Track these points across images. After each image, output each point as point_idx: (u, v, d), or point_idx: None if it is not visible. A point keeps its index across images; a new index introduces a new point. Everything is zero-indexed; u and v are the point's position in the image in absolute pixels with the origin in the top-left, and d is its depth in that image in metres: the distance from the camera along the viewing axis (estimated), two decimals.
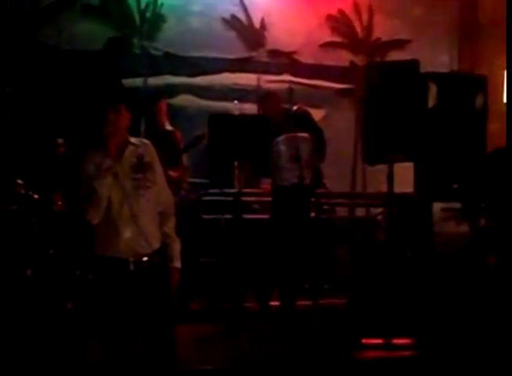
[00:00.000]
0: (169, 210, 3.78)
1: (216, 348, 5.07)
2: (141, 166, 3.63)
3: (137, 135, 4.39)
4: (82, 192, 3.55)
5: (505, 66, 8.15)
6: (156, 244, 3.68)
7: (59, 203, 5.80)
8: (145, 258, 3.59)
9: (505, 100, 8.20)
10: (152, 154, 3.74)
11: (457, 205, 5.46)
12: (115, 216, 3.56)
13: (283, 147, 5.67)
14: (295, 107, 6.02)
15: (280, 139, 5.69)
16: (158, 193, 3.69)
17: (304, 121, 5.93)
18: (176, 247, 3.78)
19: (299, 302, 5.77)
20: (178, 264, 3.75)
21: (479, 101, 5.71)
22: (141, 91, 7.78)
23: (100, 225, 3.59)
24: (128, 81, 7.80)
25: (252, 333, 5.25)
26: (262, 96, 6.38)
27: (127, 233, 3.57)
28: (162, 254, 3.72)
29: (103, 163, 3.52)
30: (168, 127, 6.30)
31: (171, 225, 3.78)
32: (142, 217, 3.60)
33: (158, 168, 3.76)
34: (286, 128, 5.76)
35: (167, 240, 3.73)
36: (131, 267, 3.57)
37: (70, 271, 5.43)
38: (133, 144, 3.69)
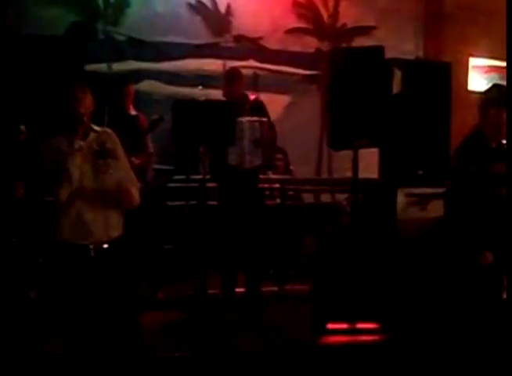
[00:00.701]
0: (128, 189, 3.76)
1: (182, 336, 5.04)
2: (102, 152, 3.64)
3: (101, 122, 4.35)
4: (47, 172, 3.57)
5: (469, 52, 8.26)
6: (117, 231, 3.71)
7: (21, 190, 5.71)
8: (105, 245, 3.61)
9: (470, 88, 8.31)
10: (114, 142, 3.76)
11: (421, 191, 5.47)
12: (75, 201, 3.58)
13: (246, 129, 5.60)
14: (252, 96, 5.97)
15: (243, 120, 5.63)
16: (120, 180, 3.68)
17: (259, 110, 5.89)
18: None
19: (264, 288, 5.76)
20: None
21: (443, 88, 5.72)
22: (105, 76, 7.68)
23: (61, 211, 3.60)
24: (92, 67, 7.76)
25: (217, 320, 5.25)
26: (229, 73, 6.30)
27: (86, 219, 3.58)
28: (124, 241, 3.72)
29: (74, 143, 3.55)
30: (133, 112, 6.25)
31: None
32: (102, 203, 3.62)
33: (121, 155, 3.78)
34: (242, 108, 5.71)
35: None
36: (92, 253, 3.57)
37: (33, 259, 5.35)
38: (95, 131, 3.71)
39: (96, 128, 3.74)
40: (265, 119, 5.68)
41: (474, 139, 4.22)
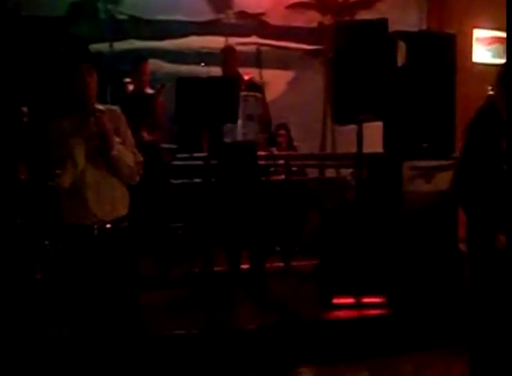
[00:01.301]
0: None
1: (188, 314, 5.05)
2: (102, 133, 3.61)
3: (104, 101, 4.32)
4: (52, 153, 3.56)
5: (472, 24, 8.17)
6: (123, 211, 3.69)
7: (24, 172, 5.70)
8: (108, 225, 3.60)
9: (474, 59, 8.23)
10: (118, 120, 3.74)
11: (426, 164, 5.44)
12: (78, 182, 3.55)
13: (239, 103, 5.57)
14: (246, 77, 5.94)
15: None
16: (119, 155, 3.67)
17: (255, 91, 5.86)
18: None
19: (270, 264, 5.77)
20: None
21: (448, 59, 5.66)
22: (106, 56, 7.63)
23: (65, 193, 3.59)
24: (94, 46, 7.71)
25: (223, 297, 5.26)
26: (223, 50, 6.27)
27: (90, 199, 3.56)
28: (129, 219, 3.71)
29: (81, 127, 3.53)
30: (149, 90, 6.20)
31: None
32: (106, 183, 3.61)
33: (125, 134, 3.76)
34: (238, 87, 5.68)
35: None
36: (95, 233, 3.57)
37: (38, 241, 5.35)
38: (100, 111, 3.65)
39: (100, 107, 3.69)
40: (259, 94, 5.65)
41: (487, 112, 4.09)
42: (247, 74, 6.08)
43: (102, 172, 3.61)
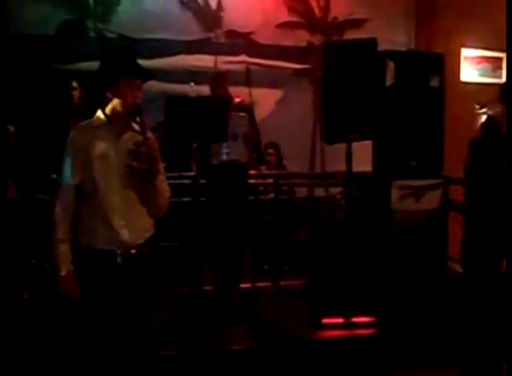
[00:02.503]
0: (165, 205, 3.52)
1: (176, 334, 5.01)
2: (137, 153, 3.31)
3: (92, 117, 4.26)
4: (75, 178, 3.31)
5: (461, 43, 8.23)
6: (147, 234, 3.45)
7: (12, 190, 5.67)
8: (133, 251, 3.35)
9: (462, 78, 8.28)
10: (153, 146, 3.40)
11: (415, 183, 5.45)
12: (104, 205, 3.30)
13: None
14: (238, 99, 5.96)
15: None
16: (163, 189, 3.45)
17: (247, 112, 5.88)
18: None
19: (259, 284, 5.74)
20: None
21: (436, 79, 5.69)
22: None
23: (85, 214, 3.35)
24: (83, 65, 7.70)
25: (212, 317, 5.23)
26: (214, 76, 6.29)
27: (116, 224, 3.31)
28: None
29: (110, 150, 3.30)
30: None
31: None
32: (134, 207, 3.36)
33: (158, 156, 3.42)
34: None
35: None
36: (119, 260, 3.33)
37: (26, 260, 5.31)
38: (134, 130, 3.38)
39: (136, 127, 3.39)
40: (243, 114, 5.66)
41: (490, 129, 4.09)
42: (238, 96, 6.10)
43: (131, 195, 3.34)
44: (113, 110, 3.39)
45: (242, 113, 5.67)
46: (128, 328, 3.39)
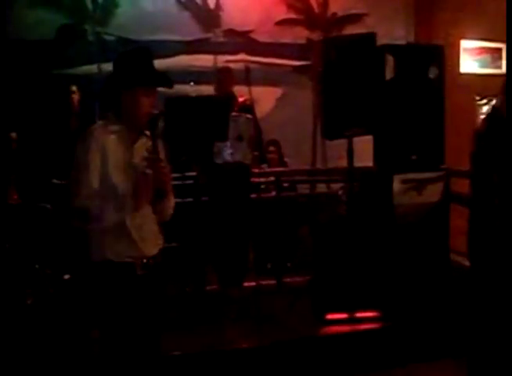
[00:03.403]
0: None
1: (180, 334, 5.00)
2: (150, 158, 3.20)
3: (92, 121, 4.25)
4: (93, 189, 3.13)
5: (460, 35, 8.21)
6: (160, 242, 3.38)
7: (14, 196, 5.69)
8: (151, 260, 3.28)
9: (462, 70, 8.26)
10: (164, 169, 3.29)
11: (417, 176, 5.44)
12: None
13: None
14: (241, 99, 5.96)
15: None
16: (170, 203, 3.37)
17: (248, 111, 5.87)
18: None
19: (263, 281, 5.74)
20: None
21: (436, 71, 5.67)
22: (95, 78, 7.64)
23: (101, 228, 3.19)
24: (82, 69, 7.72)
25: (215, 316, 5.23)
26: (218, 71, 6.29)
27: (137, 236, 3.22)
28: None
29: (128, 156, 3.17)
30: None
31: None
32: (149, 216, 3.27)
33: (164, 161, 3.33)
34: (231, 107, 5.70)
35: None
36: (138, 271, 3.25)
37: (29, 265, 5.32)
38: (145, 135, 3.28)
39: (148, 134, 3.28)
40: (249, 115, 5.66)
41: (494, 119, 4.04)
42: (241, 96, 6.10)
43: (146, 205, 3.23)
44: (128, 116, 3.27)
45: (249, 115, 5.67)
46: (143, 335, 3.31)
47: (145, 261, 3.25)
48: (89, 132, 3.28)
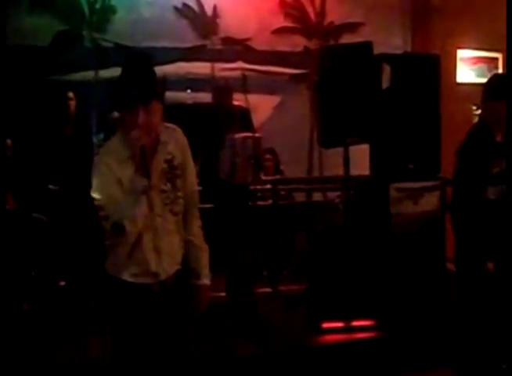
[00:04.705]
0: (194, 213, 3.18)
1: None
2: (171, 172, 3.00)
3: (88, 127, 4.23)
4: (103, 217, 2.90)
5: (456, 45, 8.23)
6: (180, 258, 3.11)
7: (11, 202, 5.69)
8: (170, 279, 3.05)
9: (459, 80, 8.28)
10: (183, 148, 3.09)
11: (413, 185, 5.44)
12: (139, 242, 2.95)
13: (239, 146, 5.57)
14: (236, 103, 5.98)
15: (237, 136, 5.59)
16: (184, 196, 3.08)
17: (244, 119, 5.88)
18: (204, 257, 3.18)
19: (258, 289, 5.73)
20: (206, 281, 3.18)
21: (432, 81, 5.69)
22: (91, 84, 7.65)
23: (117, 243, 2.97)
24: (79, 75, 7.72)
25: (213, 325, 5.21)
26: (219, 88, 6.30)
27: (152, 256, 2.99)
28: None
29: (136, 181, 2.84)
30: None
31: (196, 231, 3.18)
32: (171, 236, 3.03)
33: (190, 165, 3.12)
34: (230, 120, 5.70)
35: (194, 252, 3.14)
36: (155, 287, 3.03)
37: (25, 271, 5.31)
38: (163, 142, 3.00)
39: (163, 135, 3.01)
40: (257, 135, 5.68)
41: (476, 134, 4.06)
42: (236, 100, 6.11)
43: (167, 222, 3.00)
44: (133, 140, 2.94)
45: (257, 135, 5.69)
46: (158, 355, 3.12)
47: (163, 279, 3.03)
48: (96, 158, 3.08)
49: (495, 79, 4.21)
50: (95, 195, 2.94)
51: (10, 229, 5.51)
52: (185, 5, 8.36)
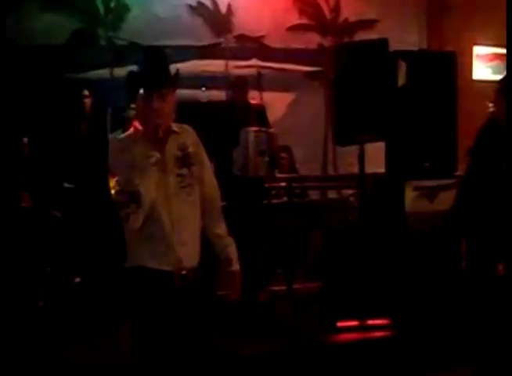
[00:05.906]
0: (217, 206, 3.23)
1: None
2: (185, 159, 3.03)
3: (104, 125, 4.23)
4: (118, 191, 2.92)
5: (473, 41, 8.18)
6: (199, 255, 3.11)
7: (27, 200, 5.73)
8: (190, 273, 3.02)
9: (475, 77, 8.22)
10: (196, 142, 3.13)
11: (429, 183, 5.41)
12: (157, 221, 2.96)
13: (251, 139, 5.56)
14: (253, 101, 5.97)
15: (250, 129, 5.59)
16: (204, 189, 3.12)
17: (261, 117, 5.86)
18: (233, 246, 3.23)
19: (273, 287, 5.72)
20: (238, 266, 3.21)
21: (448, 78, 5.65)
22: (106, 82, 7.66)
23: (136, 232, 2.98)
24: (94, 73, 7.74)
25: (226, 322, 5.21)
26: (238, 83, 6.28)
27: (171, 241, 2.98)
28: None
29: (150, 156, 2.92)
30: None
31: (223, 226, 3.24)
32: (189, 221, 3.04)
33: (205, 158, 3.16)
34: (246, 118, 5.68)
35: (221, 243, 3.19)
36: (177, 282, 3.00)
37: (40, 268, 5.34)
38: (175, 132, 3.06)
39: (175, 127, 3.07)
40: (271, 130, 5.66)
41: (488, 133, 4.02)
42: (252, 98, 6.10)
43: (185, 208, 3.02)
44: (148, 120, 3.01)
45: (271, 130, 5.67)
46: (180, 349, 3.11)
47: (184, 272, 3.01)
48: (109, 147, 3.11)
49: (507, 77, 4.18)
50: (109, 172, 3.00)
51: (26, 227, 5.56)
52: (199, 3, 8.36)
